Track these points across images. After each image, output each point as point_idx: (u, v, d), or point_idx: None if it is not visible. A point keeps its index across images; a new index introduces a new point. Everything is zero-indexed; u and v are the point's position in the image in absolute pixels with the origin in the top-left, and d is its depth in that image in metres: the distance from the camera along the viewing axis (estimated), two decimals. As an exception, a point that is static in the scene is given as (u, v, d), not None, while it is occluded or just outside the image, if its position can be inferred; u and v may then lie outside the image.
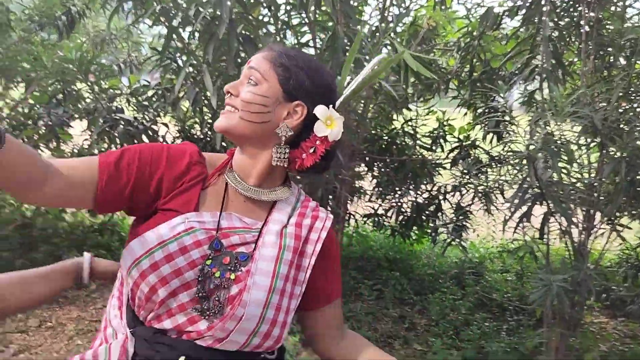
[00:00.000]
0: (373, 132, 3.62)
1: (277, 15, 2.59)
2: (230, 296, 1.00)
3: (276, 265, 1.02)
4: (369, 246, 4.46)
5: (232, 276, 1.01)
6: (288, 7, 2.74)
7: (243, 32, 2.40)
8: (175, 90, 2.45)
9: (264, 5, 2.57)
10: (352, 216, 3.77)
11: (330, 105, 1.07)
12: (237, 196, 1.08)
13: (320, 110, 1.06)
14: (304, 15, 2.64)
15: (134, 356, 0.99)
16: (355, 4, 2.91)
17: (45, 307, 3.19)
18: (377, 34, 2.59)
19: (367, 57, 2.48)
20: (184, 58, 2.71)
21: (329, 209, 2.85)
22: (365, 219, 3.89)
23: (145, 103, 3.30)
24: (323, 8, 2.66)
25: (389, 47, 2.60)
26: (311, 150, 1.07)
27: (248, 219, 1.06)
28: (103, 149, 2.95)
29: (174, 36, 2.43)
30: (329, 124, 1.07)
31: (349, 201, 3.52)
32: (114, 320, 1.05)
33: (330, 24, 2.76)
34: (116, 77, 3.62)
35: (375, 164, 3.69)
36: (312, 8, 2.57)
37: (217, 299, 0.99)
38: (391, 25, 2.63)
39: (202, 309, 0.98)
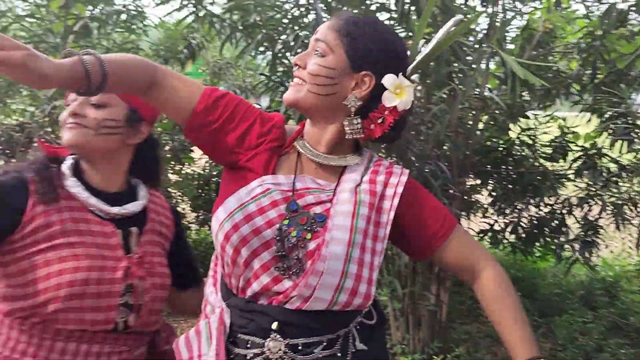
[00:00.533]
0: (487, 143, 3.46)
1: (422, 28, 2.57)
2: (309, 252, 1.02)
3: (353, 219, 1.02)
4: (488, 264, 4.24)
5: (308, 236, 1.02)
6: (391, 22, 2.73)
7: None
8: (281, 111, 2.52)
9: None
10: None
11: (400, 74, 1.04)
12: (309, 163, 1.10)
13: (388, 79, 1.03)
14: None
15: (231, 327, 1.05)
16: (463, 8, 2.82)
17: (171, 319, 3.41)
18: (484, 42, 2.48)
19: (474, 66, 2.39)
20: (290, 81, 2.78)
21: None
22: (480, 235, 3.71)
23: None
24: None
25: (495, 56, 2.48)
26: (379, 121, 1.06)
27: (321, 181, 1.08)
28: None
29: (281, 60, 2.53)
30: (398, 93, 1.03)
31: (463, 217, 3.38)
32: (211, 296, 1.13)
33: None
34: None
35: (491, 177, 3.51)
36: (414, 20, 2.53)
37: (296, 257, 1.01)
38: (497, 31, 2.50)
39: (283, 268, 1.01)
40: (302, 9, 2.32)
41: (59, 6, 3.06)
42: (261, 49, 2.86)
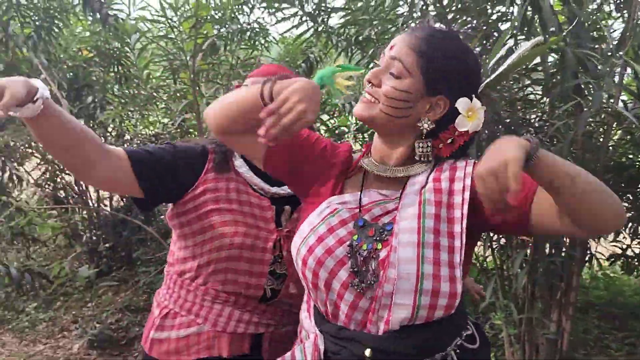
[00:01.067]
0: (622, 159, 3.16)
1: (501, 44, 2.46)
2: (381, 260, 1.01)
3: (419, 220, 1.00)
4: (620, 292, 3.86)
5: (379, 245, 1.02)
6: (513, 31, 2.60)
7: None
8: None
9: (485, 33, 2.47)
10: (594, 257, 3.32)
11: (473, 95, 1.04)
12: (375, 178, 1.11)
13: (462, 104, 1.02)
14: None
15: (325, 353, 1.06)
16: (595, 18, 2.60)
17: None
18: (617, 51, 2.27)
19: (607, 78, 2.19)
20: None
21: (563, 252, 2.55)
22: (611, 260, 3.38)
23: (368, 139, 3.44)
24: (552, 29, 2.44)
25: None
26: (449, 141, 1.06)
27: (387, 192, 1.08)
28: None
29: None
30: (470, 116, 1.03)
31: (594, 240, 3.11)
32: (305, 321, 1.16)
33: (561, 43, 2.53)
34: (347, 116, 3.86)
35: (624, 196, 3.20)
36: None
37: (369, 269, 1.01)
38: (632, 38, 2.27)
39: (358, 282, 1.02)
40: (417, 22, 2.28)
41: (189, 27, 3.29)
42: (376, 61, 2.87)
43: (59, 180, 4.39)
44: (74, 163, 1.27)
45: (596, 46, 2.49)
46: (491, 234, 2.65)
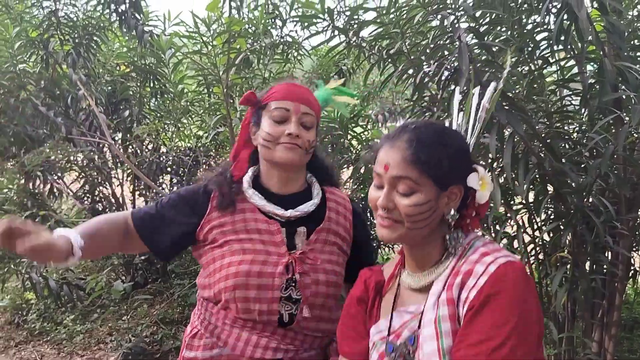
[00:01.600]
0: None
1: (533, 55, 2.39)
2: None
3: (438, 342, 0.98)
4: (668, 309, 3.69)
5: None
6: (549, 42, 2.52)
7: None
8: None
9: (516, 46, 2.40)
10: (638, 273, 3.18)
11: (475, 166, 1.06)
12: (409, 290, 1.11)
13: (474, 180, 1.04)
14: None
15: None
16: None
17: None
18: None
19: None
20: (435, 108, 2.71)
21: (605, 269, 2.45)
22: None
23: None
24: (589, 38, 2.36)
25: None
26: (473, 214, 1.08)
27: (413, 307, 1.07)
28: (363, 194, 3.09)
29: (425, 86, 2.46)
30: (482, 184, 1.05)
31: (636, 253, 2.98)
32: None
33: (599, 54, 2.44)
34: (378, 129, 3.82)
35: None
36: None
37: None
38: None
39: None
40: (448, 36, 2.24)
41: (222, 42, 3.32)
42: (409, 72, 2.83)
43: (97, 192, 4.49)
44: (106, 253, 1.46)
45: (638, 54, 2.40)
46: (528, 250, 2.58)
